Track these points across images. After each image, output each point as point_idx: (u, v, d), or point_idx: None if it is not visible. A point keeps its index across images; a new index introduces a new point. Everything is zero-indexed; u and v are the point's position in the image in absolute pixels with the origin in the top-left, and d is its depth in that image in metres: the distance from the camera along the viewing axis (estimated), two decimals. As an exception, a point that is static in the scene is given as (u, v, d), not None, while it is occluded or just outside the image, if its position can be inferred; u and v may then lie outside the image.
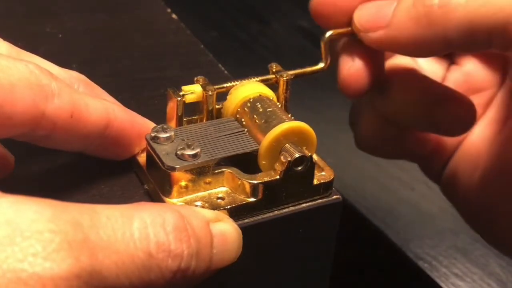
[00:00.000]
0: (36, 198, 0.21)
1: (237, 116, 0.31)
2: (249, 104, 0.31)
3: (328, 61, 0.34)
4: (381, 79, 0.36)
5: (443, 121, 0.35)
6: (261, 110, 0.30)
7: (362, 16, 0.34)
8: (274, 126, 0.29)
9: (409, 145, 0.39)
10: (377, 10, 0.33)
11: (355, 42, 0.35)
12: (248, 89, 0.31)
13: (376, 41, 0.33)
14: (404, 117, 0.36)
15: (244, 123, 0.30)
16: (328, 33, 0.35)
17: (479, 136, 0.37)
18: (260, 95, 0.31)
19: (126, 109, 0.30)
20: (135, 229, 0.23)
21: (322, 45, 0.35)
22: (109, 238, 0.22)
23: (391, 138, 0.38)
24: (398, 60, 0.37)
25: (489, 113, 0.38)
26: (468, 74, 0.38)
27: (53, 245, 0.20)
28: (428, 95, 0.36)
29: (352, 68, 0.35)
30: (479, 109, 0.37)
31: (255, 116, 0.30)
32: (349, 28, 0.35)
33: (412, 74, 0.37)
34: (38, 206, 0.21)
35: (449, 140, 0.38)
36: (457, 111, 0.35)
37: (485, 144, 0.37)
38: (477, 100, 0.37)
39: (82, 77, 0.31)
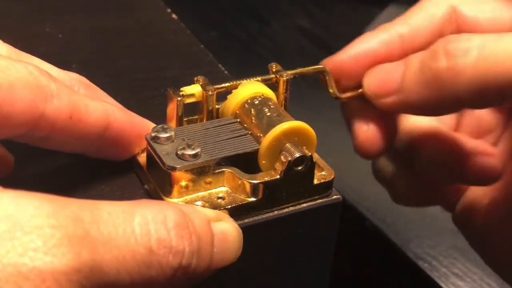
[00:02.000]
0: (37, 194, 0.21)
1: (237, 116, 0.31)
2: (249, 104, 0.31)
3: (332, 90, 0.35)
4: (401, 144, 0.37)
5: (472, 177, 0.36)
6: (261, 110, 0.30)
7: (371, 82, 0.34)
8: (274, 126, 0.29)
9: (441, 193, 0.40)
10: (386, 75, 0.34)
11: (367, 106, 0.35)
12: (248, 89, 0.31)
13: (388, 106, 0.34)
14: (434, 176, 0.37)
15: (244, 123, 0.30)
16: (340, 98, 0.35)
17: None
18: (260, 95, 0.31)
19: (126, 110, 0.30)
20: (136, 225, 0.23)
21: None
22: (109, 234, 0.22)
23: (425, 191, 0.39)
24: (417, 119, 0.38)
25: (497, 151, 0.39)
26: (479, 118, 0.39)
27: (54, 240, 0.20)
28: (455, 154, 0.36)
29: (368, 132, 0.35)
30: None
31: (255, 116, 0.30)
32: (359, 91, 0.35)
33: (435, 136, 0.37)
34: (39, 201, 0.21)
35: None
36: (485, 166, 0.36)
37: None
38: (487, 140, 0.39)
39: (83, 78, 0.31)
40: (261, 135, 0.29)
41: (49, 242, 0.20)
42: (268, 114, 0.30)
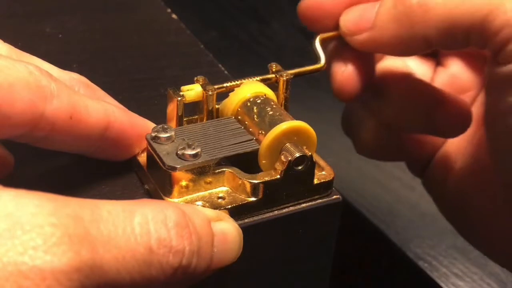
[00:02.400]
0: (37, 192, 0.21)
1: (237, 115, 0.31)
2: (249, 104, 0.31)
3: (325, 61, 0.35)
4: (375, 83, 0.37)
5: (441, 123, 0.36)
6: (261, 109, 0.30)
7: (347, 20, 0.35)
8: (274, 126, 0.29)
9: (407, 147, 0.39)
10: (361, 13, 0.34)
11: (345, 46, 0.35)
12: (248, 88, 0.31)
13: (361, 43, 0.34)
14: (403, 121, 0.37)
15: (244, 122, 0.30)
16: (317, 37, 0.36)
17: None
18: (260, 94, 0.31)
19: (126, 110, 0.30)
20: (136, 224, 0.23)
21: (314, 48, 0.35)
22: (109, 233, 0.22)
23: (391, 142, 0.39)
24: (390, 64, 0.38)
25: None
26: (454, 76, 0.39)
27: (54, 238, 0.21)
28: (426, 98, 0.36)
29: (345, 72, 0.35)
30: None
31: (255, 115, 0.30)
32: (337, 32, 0.35)
33: (408, 79, 0.38)
34: (39, 200, 0.21)
35: (435, 139, 0.39)
36: (454, 113, 0.36)
37: (464, 142, 0.38)
38: None
39: (83, 78, 0.31)
40: (261, 135, 0.29)
41: (49, 240, 0.20)
42: (268, 114, 0.30)
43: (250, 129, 0.30)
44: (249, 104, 0.31)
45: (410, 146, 0.39)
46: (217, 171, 0.28)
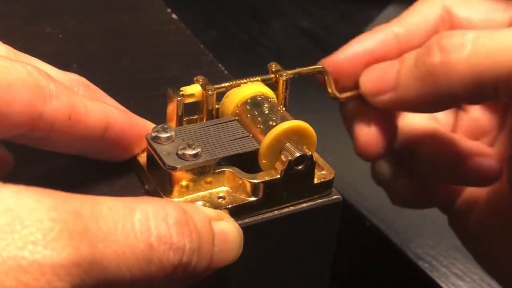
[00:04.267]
0: (37, 188, 0.22)
1: (237, 115, 0.31)
2: (249, 104, 0.31)
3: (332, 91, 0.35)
4: (402, 141, 0.37)
5: (472, 177, 0.36)
6: (261, 109, 0.30)
7: (368, 81, 0.35)
8: (274, 126, 0.29)
9: (439, 196, 0.40)
10: (381, 73, 0.34)
11: (366, 105, 0.35)
12: (248, 88, 0.31)
13: (385, 103, 0.34)
14: (434, 176, 0.37)
15: (244, 122, 0.30)
16: (339, 98, 0.36)
17: None
18: (260, 94, 0.31)
19: (126, 111, 0.30)
20: (136, 220, 0.23)
21: (327, 83, 0.35)
22: (109, 229, 0.22)
23: (424, 192, 0.39)
24: (414, 120, 0.38)
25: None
26: (475, 120, 0.39)
27: (53, 233, 0.21)
28: (455, 153, 0.37)
29: (370, 133, 0.36)
30: None
31: (255, 115, 0.30)
32: (356, 91, 0.35)
33: (435, 135, 0.37)
34: (39, 196, 0.21)
35: None
36: (483, 164, 0.36)
37: None
38: (483, 143, 0.39)
39: (83, 79, 0.31)
40: (261, 134, 0.29)
41: (48, 235, 0.20)
42: (268, 113, 0.30)
43: (250, 129, 0.30)
44: (249, 104, 0.31)
45: (443, 194, 0.40)
46: (217, 171, 0.28)
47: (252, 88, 0.31)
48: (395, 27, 0.36)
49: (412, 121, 0.38)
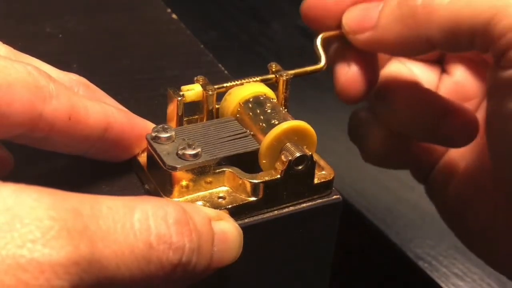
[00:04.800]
0: (37, 187, 0.22)
1: (237, 115, 0.31)
2: (249, 104, 0.31)
3: (325, 61, 0.35)
4: (381, 89, 0.37)
5: (448, 133, 0.36)
6: (261, 109, 0.30)
7: (350, 18, 0.34)
8: (274, 126, 0.29)
9: (413, 155, 0.39)
10: (364, 12, 0.34)
11: (348, 47, 0.35)
12: (248, 88, 0.31)
13: (363, 42, 0.34)
14: (410, 129, 0.37)
15: (244, 122, 0.30)
16: (319, 36, 0.35)
17: None
18: (260, 94, 0.31)
19: (126, 111, 0.30)
20: (136, 220, 0.23)
21: (315, 47, 0.35)
22: (108, 228, 0.22)
23: (398, 150, 0.39)
24: (396, 69, 0.38)
25: None
26: (459, 83, 0.39)
27: (52, 232, 0.21)
28: (432, 108, 0.36)
29: (349, 73, 0.35)
30: None
31: (255, 115, 0.30)
32: (340, 31, 0.35)
33: (414, 86, 0.37)
34: (38, 194, 0.21)
35: (440, 146, 0.39)
36: (461, 124, 0.36)
37: (467, 148, 0.38)
38: None
39: (83, 79, 0.31)
40: (262, 134, 0.29)
41: (47, 234, 0.20)
42: (268, 113, 0.30)
43: (250, 129, 0.30)
44: (249, 104, 0.31)
45: (416, 154, 0.39)
46: (217, 171, 0.28)
47: (252, 88, 0.31)
48: None
49: (395, 67, 0.38)
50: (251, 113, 0.30)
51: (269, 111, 0.30)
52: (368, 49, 0.35)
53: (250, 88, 0.32)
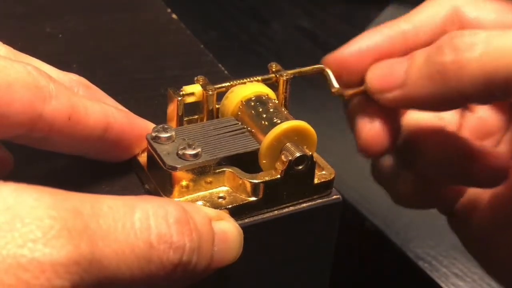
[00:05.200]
0: (37, 186, 0.22)
1: (238, 115, 0.31)
2: (249, 104, 0.31)
3: (338, 87, 0.35)
4: (406, 136, 0.36)
5: (478, 178, 0.36)
6: (261, 109, 0.30)
7: (375, 78, 0.34)
8: (274, 126, 0.29)
9: (441, 196, 0.39)
10: (389, 70, 0.34)
11: (369, 102, 0.35)
12: (248, 88, 0.31)
13: (392, 101, 0.34)
14: (439, 175, 0.37)
15: (244, 122, 0.30)
16: (344, 95, 0.35)
17: None
18: (260, 94, 0.31)
19: (126, 111, 0.30)
20: (137, 219, 0.23)
21: (326, 77, 0.35)
22: (109, 228, 0.22)
23: (427, 191, 0.39)
24: (419, 116, 0.37)
25: None
26: (481, 119, 0.38)
27: (53, 231, 0.21)
28: (460, 152, 0.36)
29: (372, 130, 0.35)
30: None
31: (255, 115, 0.30)
32: (362, 88, 0.35)
33: (440, 132, 0.37)
34: (39, 194, 0.21)
35: None
36: (491, 167, 0.36)
37: None
38: (489, 144, 0.38)
39: (83, 80, 0.31)
40: (262, 134, 0.29)
41: (48, 233, 0.20)
42: (268, 113, 0.30)
43: (251, 129, 0.30)
44: (249, 104, 0.31)
45: (445, 194, 0.39)
46: (217, 171, 0.28)
47: (252, 88, 0.31)
48: (402, 23, 0.35)
49: (418, 117, 0.37)
50: (251, 113, 0.30)
51: (269, 111, 0.30)
52: (396, 107, 0.34)
53: (250, 88, 0.31)
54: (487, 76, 0.30)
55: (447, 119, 0.38)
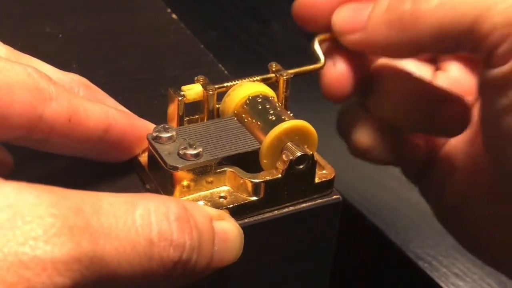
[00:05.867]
0: (38, 185, 0.22)
1: (238, 115, 0.31)
2: (249, 103, 0.31)
3: (324, 60, 0.35)
4: (372, 79, 0.37)
5: (441, 121, 0.36)
6: (261, 109, 0.30)
7: (339, 19, 0.35)
8: (275, 125, 0.29)
9: (403, 151, 0.39)
10: (354, 12, 0.34)
11: (337, 47, 0.35)
12: (248, 88, 0.31)
13: (352, 43, 0.34)
14: (401, 119, 0.37)
15: (245, 122, 0.30)
16: (316, 39, 0.36)
17: (458, 139, 0.38)
18: (260, 94, 0.31)
19: (126, 112, 0.30)
20: (138, 216, 0.23)
21: (313, 50, 0.35)
22: (110, 225, 0.22)
23: (387, 144, 0.38)
24: (387, 61, 0.38)
25: None
26: (454, 80, 0.39)
27: (54, 229, 0.21)
28: (425, 95, 0.36)
29: (334, 73, 0.35)
30: None
31: (256, 115, 0.30)
32: (331, 33, 0.35)
33: (406, 75, 0.37)
34: (40, 192, 0.21)
35: (432, 143, 0.39)
36: (455, 111, 0.36)
37: (463, 147, 0.38)
38: None
39: (83, 80, 0.31)
40: (262, 134, 0.29)
41: (49, 231, 0.21)
42: (269, 113, 0.30)
43: (251, 129, 0.30)
44: (249, 103, 0.31)
45: (406, 150, 0.39)
46: (218, 170, 0.28)
47: (252, 87, 0.31)
48: None
49: (385, 62, 0.38)
50: (251, 113, 0.30)
51: (269, 110, 0.30)
52: (356, 50, 0.35)
53: (251, 87, 0.32)
54: (439, 28, 0.31)
55: (418, 74, 0.38)
